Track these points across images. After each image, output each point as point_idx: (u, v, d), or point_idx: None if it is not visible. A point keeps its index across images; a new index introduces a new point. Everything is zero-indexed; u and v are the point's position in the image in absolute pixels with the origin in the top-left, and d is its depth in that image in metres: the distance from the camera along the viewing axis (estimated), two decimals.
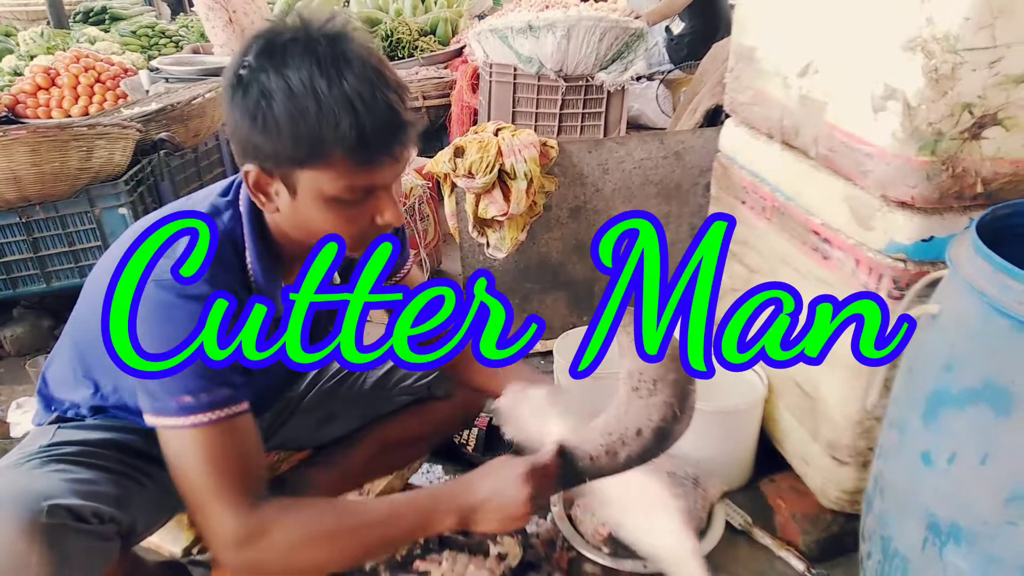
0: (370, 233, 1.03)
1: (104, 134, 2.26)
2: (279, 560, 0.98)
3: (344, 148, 0.90)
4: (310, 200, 0.96)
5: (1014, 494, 0.91)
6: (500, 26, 2.70)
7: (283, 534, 0.98)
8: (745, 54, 1.63)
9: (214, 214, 1.06)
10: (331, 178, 0.93)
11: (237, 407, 1.01)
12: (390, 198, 1.00)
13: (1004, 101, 1.07)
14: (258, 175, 0.97)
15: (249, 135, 0.93)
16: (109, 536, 1.00)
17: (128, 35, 4.59)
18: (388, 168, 0.96)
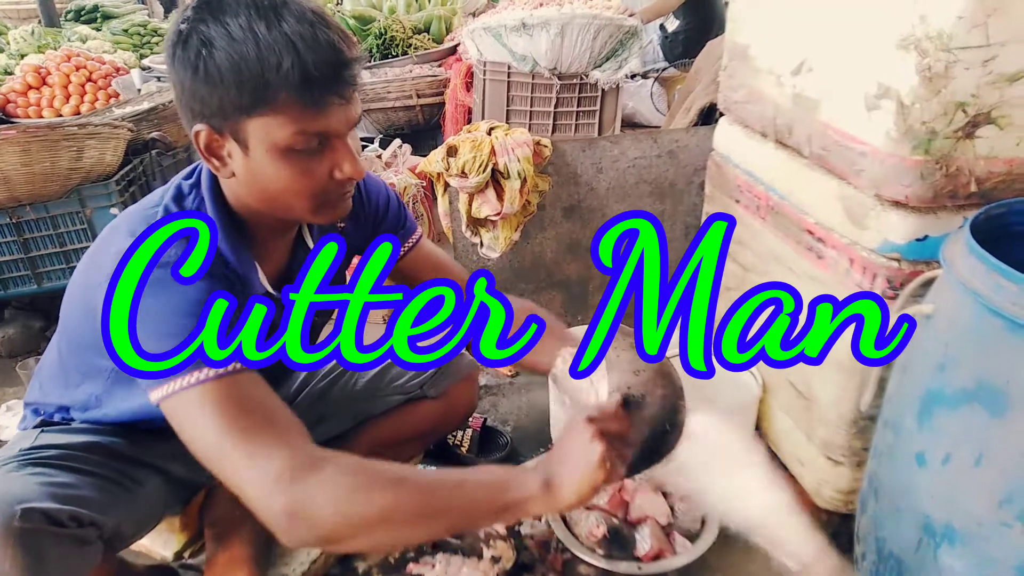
0: (331, 191, 0.99)
1: (95, 134, 2.25)
2: (332, 504, 0.85)
3: (289, 89, 0.88)
4: (263, 154, 0.93)
5: (1008, 495, 0.90)
6: (494, 24, 2.68)
7: (341, 472, 0.87)
8: (739, 52, 1.63)
9: (178, 198, 1.04)
10: (280, 124, 0.91)
11: (238, 364, 0.94)
12: (346, 149, 0.97)
13: (998, 100, 1.07)
14: (208, 135, 0.94)
15: (194, 89, 0.91)
16: (89, 540, 0.99)
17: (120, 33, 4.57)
18: (338, 110, 0.93)
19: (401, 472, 0.92)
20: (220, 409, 0.89)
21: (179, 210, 1.03)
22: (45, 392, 1.21)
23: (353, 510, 0.86)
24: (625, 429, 0.98)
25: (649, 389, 1.07)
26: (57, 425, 1.19)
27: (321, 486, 0.85)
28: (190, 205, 1.04)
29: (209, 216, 1.03)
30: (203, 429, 0.90)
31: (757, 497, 1.06)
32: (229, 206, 1.06)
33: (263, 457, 0.86)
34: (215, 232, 1.03)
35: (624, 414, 1.00)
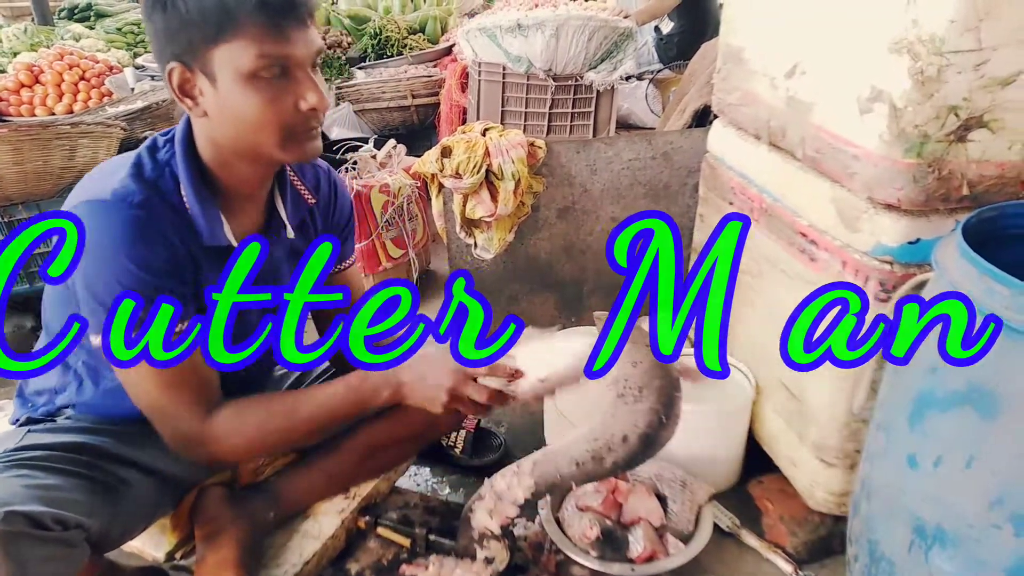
0: (298, 124, 1.05)
1: (88, 132, 2.24)
2: (234, 455, 1.19)
3: (248, 11, 0.96)
4: (231, 83, 1.00)
5: (999, 497, 0.91)
6: (489, 25, 2.68)
7: (236, 438, 1.14)
8: (733, 54, 1.63)
9: (152, 149, 1.11)
10: (243, 47, 0.98)
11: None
12: (309, 79, 1.04)
13: (990, 103, 1.07)
14: (181, 73, 1.01)
15: (165, 27, 0.99)
16: (75, 543, 0.98)
17: (113, 32, 4.55)
18: (297, 36, 1.01)
19: (283, 419, 1.17)
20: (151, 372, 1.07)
21: (150, 160, 1.09)
22: (32, 382, 1.23)
23: (251, 455, 1.27)
24: (474, 387, 1.14)
25: (646, 381, 1.08)
26: (43, 423, 1.19)
27: (223, 450, 1.15)
28: (162, 157, 1.10)
29: (177, 167, 1.09)
30: (134, 381, 1.10)
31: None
32: (199, 159, 1.11)
33: (180, 424, 1.12)
34: (184, 182, 1.09)
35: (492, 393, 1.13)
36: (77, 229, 1.00)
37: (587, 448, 1.08)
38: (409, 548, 1.41)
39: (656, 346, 1.16)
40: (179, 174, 1.09)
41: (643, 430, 1.07)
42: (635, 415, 1.07)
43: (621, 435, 1.07)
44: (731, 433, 1.64)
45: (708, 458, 1.61)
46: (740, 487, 1.66)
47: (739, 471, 1.70)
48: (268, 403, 1.19)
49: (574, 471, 1.17)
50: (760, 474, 1.63)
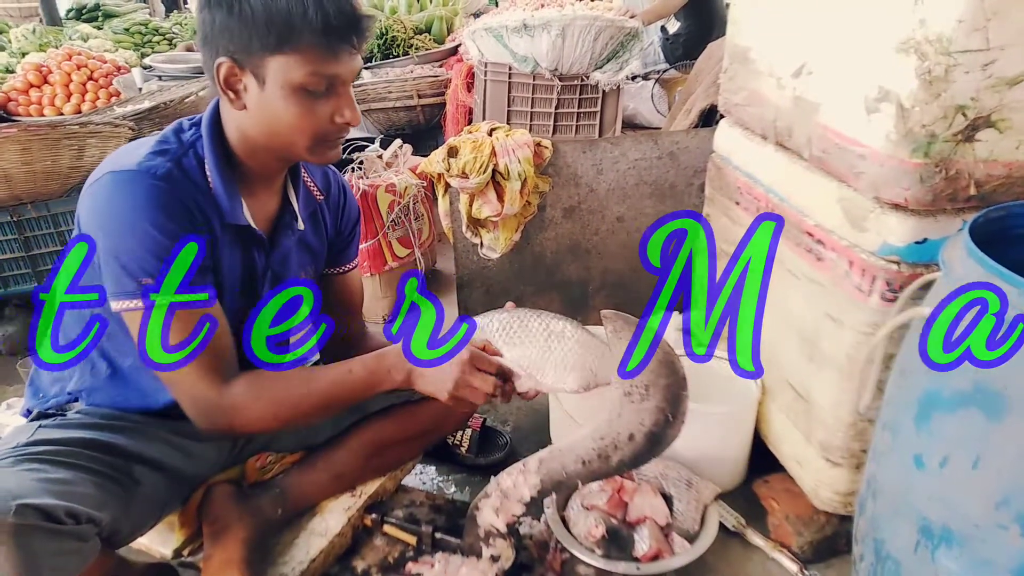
0: (330, 133, 1.14)
1: (96, 132, 2.25)
2: (249, 427, 1.19)
3: (311, 33, 1.03)
4: (278, 89, 1.07)
5: (1005, 498, 0.91)
6: (495, 25, 2.69)
7: (252, 410, 1.15)
8: (740, 54, 1.63)
9: (178, 131, 1.16)
10: (299, 64, 1.05)
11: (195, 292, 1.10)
12: (349, 97, 1.12)
13: (997, 103, 1.07)
14: (230, 68, 1.07)
15: (226, 26, 1.05)
16: (86, 537, 0.99)
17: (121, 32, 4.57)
18: (348, 59, 1.09)
19: (300, 392, 1.18)
20: (172, 335, 1.09)
21: (175, 139, 1.15)
22: (45, 374, 1.24)
23: (266, 428, 1.23)
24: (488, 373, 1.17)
25: (653, 380, 1.08)
26: (54, 418, 1.20)
27: (239, 421, 1.16)
28: (187, 138, 1.16)
29: (202, 150, 1.14)
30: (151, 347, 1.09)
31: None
32: (226, 143, 1.17)
33: (197, 393, 1.13)
34: (210, 161, 1.14)
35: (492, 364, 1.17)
36: (101, 198, 1.07)
37: (593, 446, 1.08)
38: (415, 546, 1.42)
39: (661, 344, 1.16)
40: (204, 154, 1.14)
41: (649, 428, 1.07)
42: (641, 414, 1.08)
43: (627, 433, 1.08)
44: (737, 433, 1.64)
45: (714, 457, 1.61)
46: (746, 486, 1.66)
47: (745, 471, 1.70)
48: (285, 376, 1.21)
49: (580, 469, 1.18)
50: (766, 473, 1.63)
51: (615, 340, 1.13)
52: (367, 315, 2.55)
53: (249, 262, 1.24)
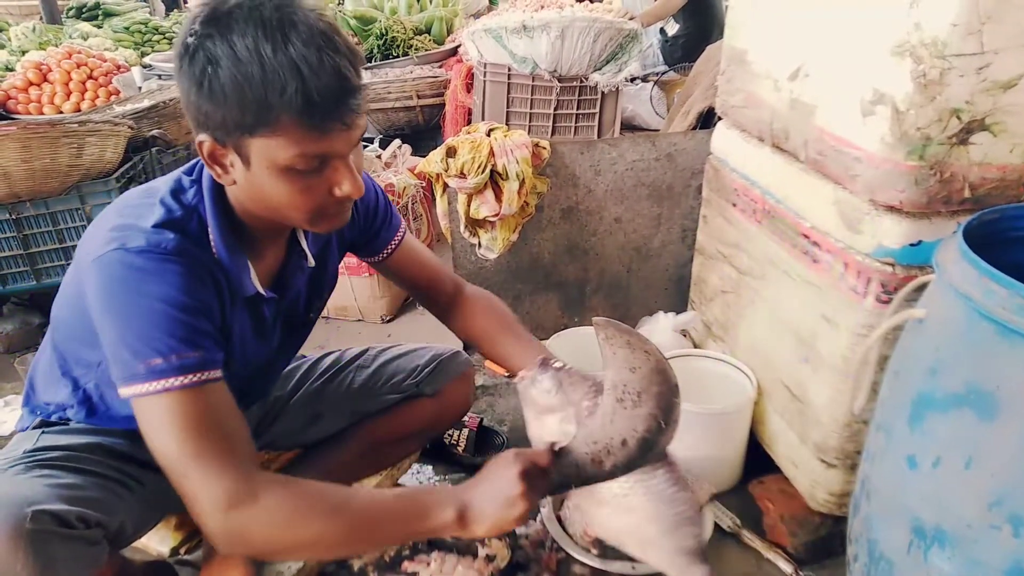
0: (330, 206, 1.01)
1: (95, 131, 2.26)
2: (267, 532, 0.94)
3: (291, 113, 0.88)
4: (264, 170, 0.95)
5: (997, 498, 0.91)
6: (494, 26, 2.69)
7: (276, 504, 0.94)
8: (737, 57, 1.64)
9: (177, 192, 1.05)
10: (282, 145, 0.91)
11: (210, 373, 0.98)
12: (347, 168, 0.98)
13: (992, 107, 1.08)
14: (212, 146, 0.95)
15: (198, 103, 0.92)
16: (96, 540, 1.00)
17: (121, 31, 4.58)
18: (340, 135, 0.94)
19: (334, 502, 0.98)
20: (179, 422, 0.94)
21: (176, 204, 1.03)
22: (39, 391, 1.22)
23: (283, 540, 0.96)
24: (546, 480, 1.03)
25: (645, 387, 1.09)
26: (56, 425, 1.20)
27: (256, 518, 0.94)
28: (189, 200, 1.04)
29: (205, 213, 1.04)
30: (162, 438, 0.95)
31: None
32: (228, 205, 1.06)
33: (208, 483, 0.93)
34: (213, 231, 1.04)
35: (552, 465, 1.04)
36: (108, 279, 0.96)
37: (587, 451, 1.08)
38: (411, 545, 1.42)
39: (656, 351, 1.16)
40: (207, 221, 1.04)
41: (642, 435, 1.07)
42: (634, 420, 1.08)
43: (620, 439, 1.08)
44: (732, 434, 1.64)
45: (709, 458, 1.61)
46: (741, 487, 1.67)
47: (740, 471, 1.70)
48: (318, 483, 1.02)
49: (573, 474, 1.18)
50: (761, 474, 1.63)
51: (606, 347, 1.13)
52: (364, 315, 2.57)
53: (258, 319, 1.17)
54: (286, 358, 1.37)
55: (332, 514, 0.97)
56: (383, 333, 2.52)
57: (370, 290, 2.50)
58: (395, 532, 1.02)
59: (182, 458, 0.94)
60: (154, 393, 0.94)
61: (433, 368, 1.52)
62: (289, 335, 1.29)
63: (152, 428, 0.96)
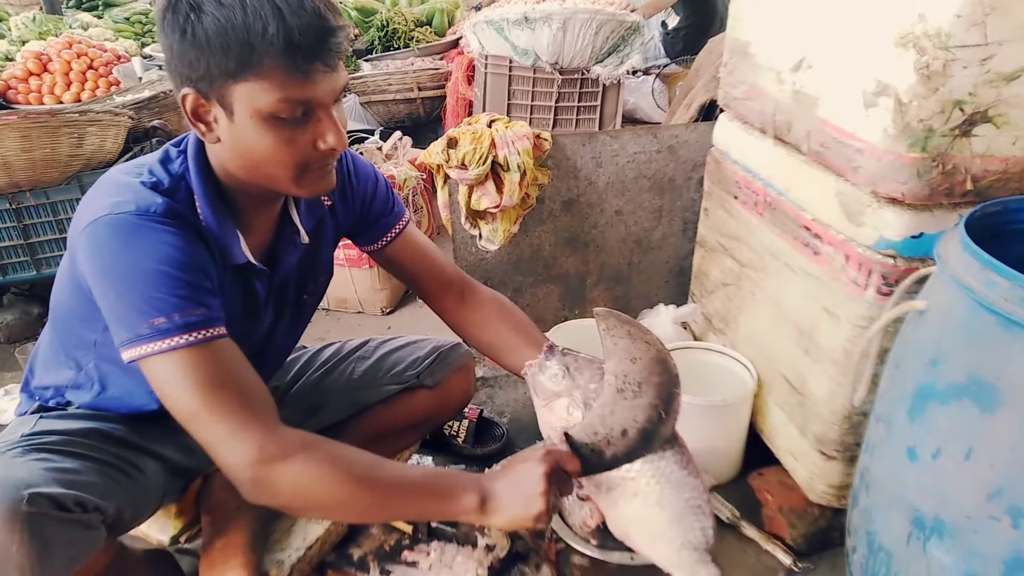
0: (314, 161, 1.01)
1: (96, 121, 2.25)
2: (295, 490, 0.96)
3: (274, 54, 0.90)
4: (247, 120, 0.95)
5: (997, 489, 0.91)
6: (496, 18, 2.69)
7: (307, 464, 0.95)
8: (739, 48, 1.63)
9: (165, 161, 1.06)
10: (265, 90, 0.92)
11: (216, 330, 0.98)
12: (331, 119, 0.99)
13: (995, 98, 1.07)
14: (195, 99, 0.96)
15: (182, 53, 0.93)
16: (93, 525, 1.00)
17: (122, 21, 4.56)
18: (323, 79, 0.95)
19: (361, 470, 1.00)
20: (192, 378, 0.95)
21: (164, 172, 1.04)
22: (39, 375, 1.22)
23: (310, 498, 0.98)
24: (570, 476, 1.05)
25: (645, 377, 1.09)
26: (55, 410, 1.20)
27: (286, 473, 0.95)
28: (175, 169, 1.05)
29: (191, 182, 1.05)
30: (176, 396, 0.96)
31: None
32: (214, 174, 1.07)
33: (235, 437, 0.94)
34: (199, 198, 1.05)
35: (576, 462, 1.05)
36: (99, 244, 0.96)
37: (587, 441, 1.08)
38: (411, 535, 1.43)
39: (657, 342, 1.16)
40: (194, 190, 1.04)
41: (642, 425, 1.08)
42: (634, 410, 1.08)
43: (620, 429, 1.08)
44: (732, 425, 1.65)
45: (709, 450, 1.62)
46: (740, 479, 1.67)
47: (740, 463, 1.71)
48: (348, 448, 1.03)
49: None
50: (760, 466, 1.64)
51: (607, 337, 1.13)
52: (364, 307, 2.57)
53: (249, 293, 1.16)
54: (283, 343, 1.36)
55: (361, 482, 0.98)
56: (383, 325, 2.53)
57: (370, 282, 2.50)
58: (418, 508, 1.04)
59: (204, 410, 0.94)
60: (160, 352, 0.94)
61: (434, 360, 1.52)
62: (281, 316, 1.27)
63: (166, 387, 0.96)
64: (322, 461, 0.97)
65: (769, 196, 1.53)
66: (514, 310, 1.37)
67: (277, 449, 0.95)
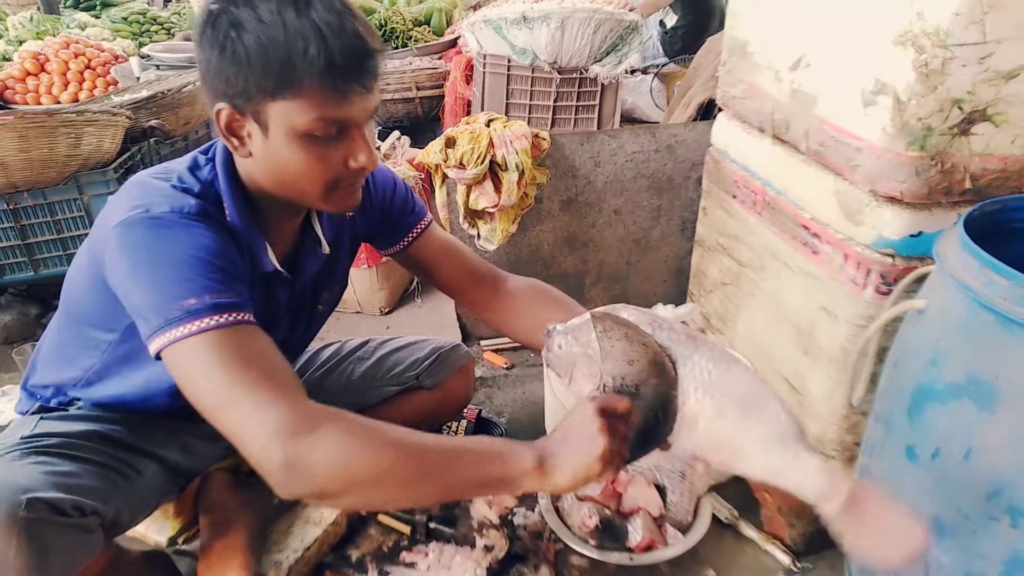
0: (344, 179, 1.02)
1: (93, 121, 2.24)
2: (331, 463, 0.85)
3: (314, 75, 0.91)
4: (282, 137, 0.96)
5: (996, 489, 0.91)
6: (494, 17, 2.68)
7: (340, 433, 0.86)
8: (738, 48, 1.63)
9: (193, 169, 1.06)
10: (302, 109, 0.93)
11: (245, 314, 0.95)
12: (363, 139, 1.00)
13: (993, 97, 1.07)
14: (230, 114, 0.97)
15: (220, 69, 0.93)
16: (91, 529, 0.99)
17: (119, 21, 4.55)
18: (359, 100, 0.95)
19: (401, 436, 0.90)
20: (223, 358, 0.89)
21: (193, 179, 1.05)
22: (41, 373, 1.22)
23: (349, 470, 0.86)
24: (628, 426, 0.97)
25: (643, 379, 1.08)
26: (55, 411, 1.19)
27: (319, 444, 0.85)
28: (204, 176, 1.06)
29: (220, 190, 1.05)
30: (205, 378, 0.89)
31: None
32: (242, 184, 1.07)
33: (264, 410, 0.86)
34: (228, 205, 1.05)
35: (630, 411, 0.98)
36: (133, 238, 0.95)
37: None
38: (409, 535, 1.42)
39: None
40: (223, 197, 1.05)
41: (640, 428, 1.08)
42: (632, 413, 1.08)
43: None
44: None
45: None
46: (739, 479, 1.66)
47: None
48: (381, 421, 0.93)
49: None
50: None
51: (604, 339, 1.13)
52: (363, 307, 2.56)
53: (271, 300, 1.17)
54: (294, 352, 1.37)
55: (402, 446, 0.89)
56: (381, 325, 2.52)
57: (369, 282, 2.50)
58: (471, 475, 0.91)
59: (230, 389, 0.88)
60: (191, 335, 0.90)
61: (433, 361, 1.52)
62: (297, 325, 1.28)
63: (192, 372, 0.90)
64: (356, 428, 0.88)
65: (768, 195, 1.53)
66: (550, 290, 1.34)
67: (306, 421, 0.86)
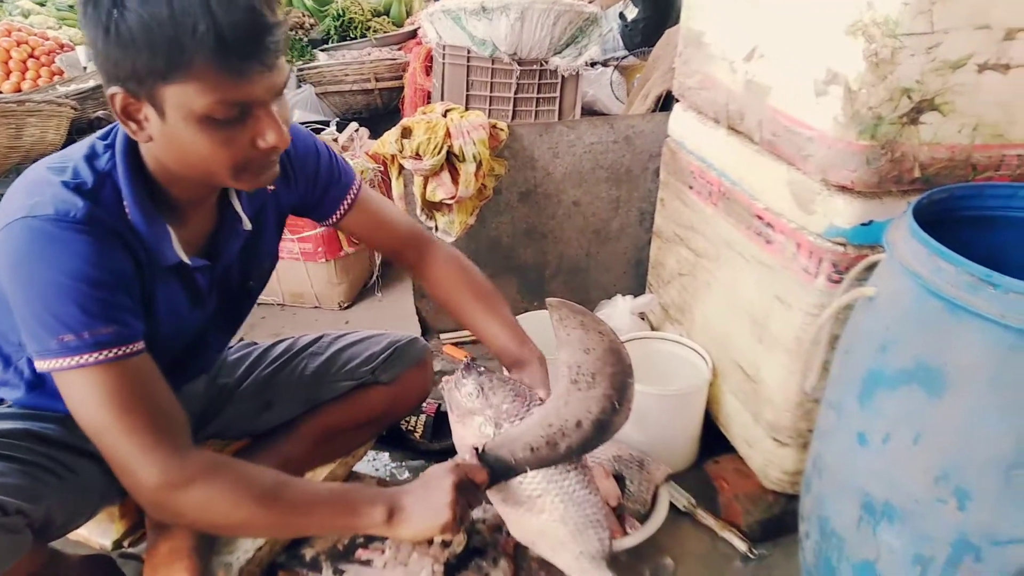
0: (255, 160, 0.96)
1: (36, 111, 2.17)
2: (198, 513, 0.98)
3: (205, 54, 0.83)
4: (180, 121, 0.89)
5: (944, 472, 0.93)
6: (453, 7, 2.65)
7: (209, 489, 0.96)
8: (693, 39, 1.63)
9: (91, 158, 1.00)
10: (198, 92, 0.86)
11: (128, 347, 0.95)
12: (270, 117, 0.92)
13: (941, 86, 1.09)
14: (124, 99, 0.90)
15: (106, 51, 0.86)
16: (16, 529, 0.95)
17: (65, 9, 4.40)
18: (260, 79, 0.88)
19: (266, 489, 1.00)
20: (102, 398, 0.93)
21: (89, 170, 0.98)
22: None
23: (214, 521, 1.01)
24: (479, 489, 1.06)
25: (599, 368, 1.08)
26: None
27: (188, 499, 0.96)
28: (102, 166, 0.99)
29: (119, 180, 0.99)
30: (85, 410, 0.95)
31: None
32: (145, 169, 1.01)
33: (141, 458, 0.94)
34: (127, 198, 0.99)
35: (486, 475, 1.07)
36: (13, 249, 0.92)
37: (541, 433, 1.07)
38: None
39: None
40: (121, 189, 0.98)
41: (596, 416, 1.07)
42: (588, 401, 1.08)
43: (575, 421, 1.07)
44: (688, 414, 1.65)
45: (666, 438, 1.62)
46: (697, 467, 1.68)
47: (696, 452, 1.71)
48: (254, 468, 1.03)
49: (528, 456, 1.17)
50: (716, 454, 1.65)
51: (560, 328, 1.13)
52: (321, 302, 2.52)
53: (190, 286, 1.12)
54: (226, 326, 1.32)
55: (263, 501, 0.99)
56: (340, 320, 2.48)
57: (326, 276, 2.45)
58: (324, 524, 1.05)
59: (109, 432, 0.94)
60: (69, 368, 0.93)
61: (390, 355, 1.49)
62: (226, 302, 1.23)
63: (74, 402, 0.95)
64: (224, 483, 0.97)
65: (723, 186, 1.53)
66: (470, 272, 1.38)
67: (180, 474, 0.95)
